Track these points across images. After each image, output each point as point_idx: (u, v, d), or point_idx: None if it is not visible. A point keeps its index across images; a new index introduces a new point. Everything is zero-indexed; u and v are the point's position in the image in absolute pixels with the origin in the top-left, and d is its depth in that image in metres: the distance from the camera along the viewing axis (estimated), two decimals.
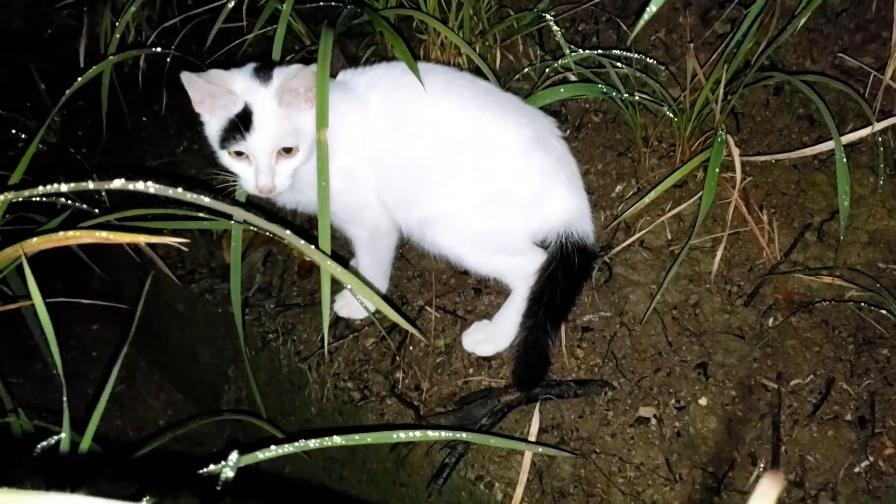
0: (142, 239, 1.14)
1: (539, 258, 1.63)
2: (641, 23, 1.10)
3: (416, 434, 1.23)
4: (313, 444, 1.16)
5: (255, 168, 1.50)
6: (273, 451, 1.14)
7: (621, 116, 1.92)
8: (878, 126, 1.60)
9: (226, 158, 1.53)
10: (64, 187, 1.05)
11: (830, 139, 1.59)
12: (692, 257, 1.75)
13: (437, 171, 1.59)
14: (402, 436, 1.22)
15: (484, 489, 1.55)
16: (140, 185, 1.04)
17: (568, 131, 1.97)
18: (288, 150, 1.51)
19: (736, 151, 1.65)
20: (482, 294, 1.82)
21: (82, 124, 2.57)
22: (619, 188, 1.87)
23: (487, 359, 1.71)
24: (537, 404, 1.57)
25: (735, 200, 1.68)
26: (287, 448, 1.14)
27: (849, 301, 1.63)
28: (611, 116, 1.99)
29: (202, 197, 1.04)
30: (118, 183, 1.03)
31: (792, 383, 1.56)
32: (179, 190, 1.02)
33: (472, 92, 1.62)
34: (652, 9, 1.06)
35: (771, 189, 1.79)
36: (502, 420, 1.60)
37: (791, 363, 1.58)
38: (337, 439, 1.17)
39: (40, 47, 2.76)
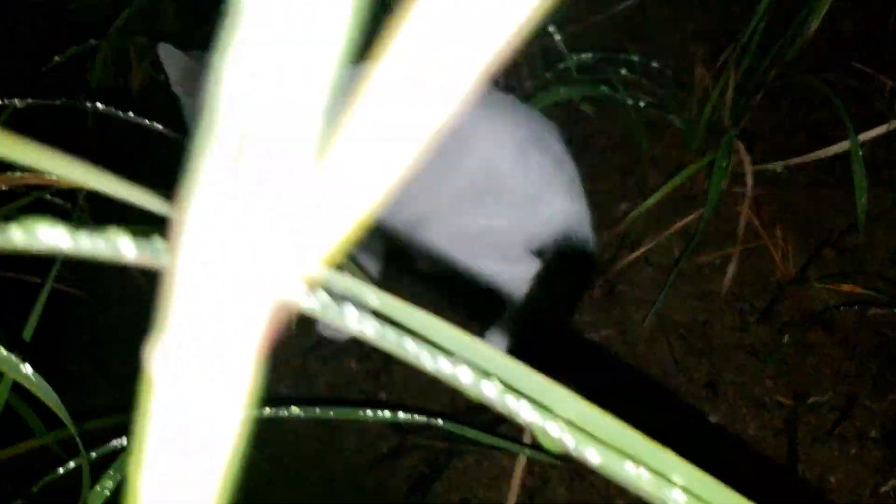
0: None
1: (535, 266, 1.53)
2: None
3: (387, 414, 1.11)
4: (267, 412, 1.04)
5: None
6: None
7: (628, 138, 1.85)
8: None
9: None
10: None
11: (845, 139, 1.50)
12: (702, 274, 1.64)
13: (427, 167, 1.50)
14: (369, 413, 1.10)
15: None
16: None
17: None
18: None
19: (747, 158, 1.56)
20: None
21: None
22: (623, 206, 1.78)
23: None
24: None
25: (746, 212, 1.58)
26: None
27: (871, 317, 1.50)
28: (617, 139, 1.92)
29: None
30: None
31: (810, 400, 1.42)
32: None
33: None
34: None
35: (785, 205, 1.69)
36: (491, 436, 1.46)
37: (809, 380, 1.45)
38: (295, 410, 1.06)
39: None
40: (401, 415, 1.11)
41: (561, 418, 0.36)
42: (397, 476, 1.46)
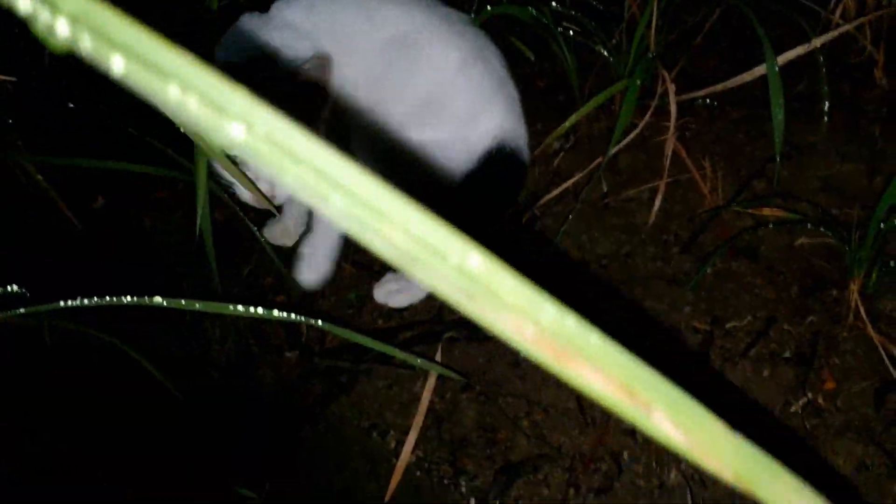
0: None
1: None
2: None
3: (224, 306, 1.06)
4: (102, 300, 1.00)
5: (250, 173, 1.34)
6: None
7: (566, 80, 1.81)
8: (817, 42, 1.47)
9: (215, 163, 1.38)
10: None
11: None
12: (628, 209, 1.60)
13: (375, 69, 1.45)
14: (198, 306, 1.05)
15: (377, 437, 1.37)
16: None
17: None
18: None
19: (671, 87, 1.52)
20: None
21: None
22: (557, 145, 1.74)
23: (401, 310, 1.56)
24: (440, 344, 1.40)
25: (673, 143, 1.54)
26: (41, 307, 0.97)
27: (797, 246, 1.46)
28: (555, 81, 1.89)
29: None
30: None
31: (727, 325, 1.38)
32: None
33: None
34: None
35: (716, 138, 1.65)
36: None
37: (728, 306, 1.41)
38: (157, 299, 1.02)
39: None
40: (278, 313, 1.08)
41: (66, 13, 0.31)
42: (306, 399, 1.43)
